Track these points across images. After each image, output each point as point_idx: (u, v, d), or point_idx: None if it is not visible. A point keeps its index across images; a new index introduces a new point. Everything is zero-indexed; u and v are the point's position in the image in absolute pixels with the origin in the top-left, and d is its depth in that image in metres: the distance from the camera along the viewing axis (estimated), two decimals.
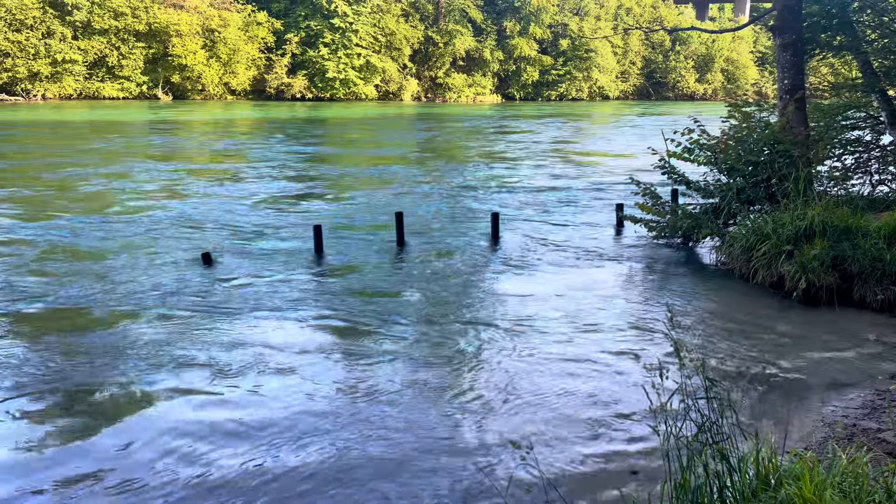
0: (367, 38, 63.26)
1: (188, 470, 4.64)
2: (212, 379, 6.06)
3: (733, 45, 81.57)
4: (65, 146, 25.27)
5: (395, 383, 5.98)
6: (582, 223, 12.98)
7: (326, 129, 35.89)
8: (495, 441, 4.95)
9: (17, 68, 52.51)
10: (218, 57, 59.09)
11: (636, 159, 22.81)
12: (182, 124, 36.40)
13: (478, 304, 8.25)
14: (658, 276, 9.70)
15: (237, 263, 9.87)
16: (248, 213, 13.65)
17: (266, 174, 19.00)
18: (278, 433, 5.11)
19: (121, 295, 8.42)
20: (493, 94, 71.83)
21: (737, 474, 3.12)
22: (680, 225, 10.85)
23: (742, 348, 6.83)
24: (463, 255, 10.53)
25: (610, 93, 75.80)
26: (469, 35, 69.14)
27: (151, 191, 16.05)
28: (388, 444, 4.95)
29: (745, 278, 9.12)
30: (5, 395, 5.73)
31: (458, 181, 18.25)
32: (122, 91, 56.98)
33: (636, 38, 77.71)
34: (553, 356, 6.60)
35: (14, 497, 4.34)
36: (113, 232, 11.87)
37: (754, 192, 10.37)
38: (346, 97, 62.94)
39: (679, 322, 7.61)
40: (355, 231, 12.21)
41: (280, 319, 7.60)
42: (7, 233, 11.70)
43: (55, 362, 6.40)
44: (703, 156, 11.12)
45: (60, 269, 9.56)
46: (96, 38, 55.39)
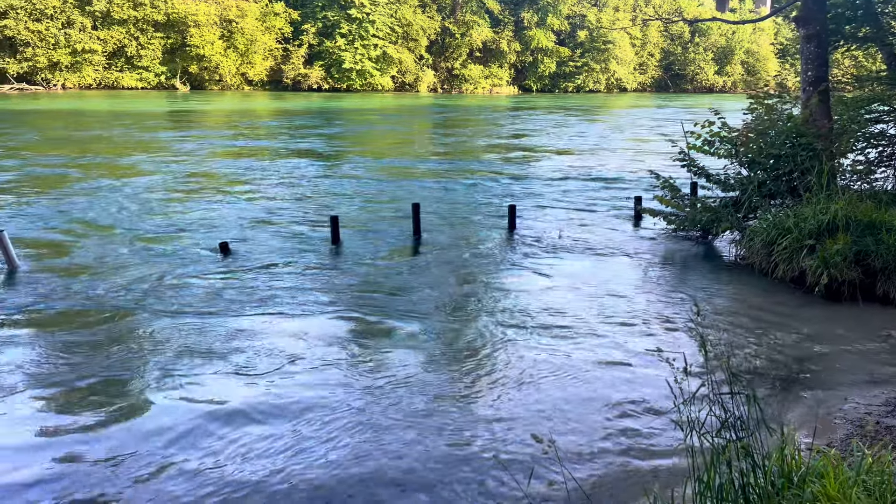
0: (384, 29, 63.16)
1: (199, 463, 4.66)
2: (227, 369, 6.08)
3: (754, 37, 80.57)
4: (85, 135, 25.47)
5: (411, 375, 5.97)
6: (600, 216, 12.88)
7: (343, 120, 35.91)
8: (516, 434, 4.93)
9: (38, 58, 52.99)
10: (235, 47, 59.28)
11: (654, 152, 22.62)
12: (200, 114, 36.56)
13: (495, 297, 8.22)
14: (677, 269, 9.61)
15: (254, 253, 9.90)
16: (266, 202, 13.69)
17: (283, 164, 19.04)
18: (293, 424, 5.12)
19: (137, 283, 8.47)
20: (510, 86, 71.49)
21: (760, 471, 3.07)
22: (699, 218, 10.73)
23: (762, 343, 6.75)
24: (480, 248, 10.49)
25: (627, 85, 75.21)
26: (486, 26, 68.82)
27: (169, 180, 16.13)
28: (406, 435, 4.94)
29: (765, 273, 9.00)
30: (25, 384, 5.79)
31: (474, 172, 18.18)
32: (140, 81, 57.36)
33: (655, 30, 76.99)
34: (572, 349, 6.56)
35: (29, 483, 4.38)
36: (130, 220, 11.94)
37: (776, 185, 10.23)
38: (363, 88, 62.92)
39: (697, 317, 7.53)
40: (372, 222, 12.20)
41: (296, 310, 7.61)
42: (25, 218, 11.81)
43: (70, 351, 6.45)
44: (724, 149, 10.99)
45: (76, 256, 9.64)
46: (115, 28, 55.75)
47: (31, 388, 5.69)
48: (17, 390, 5.64)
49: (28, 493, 4.28)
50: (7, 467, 4.55)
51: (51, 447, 4.79)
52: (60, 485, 4.36)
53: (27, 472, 4.50)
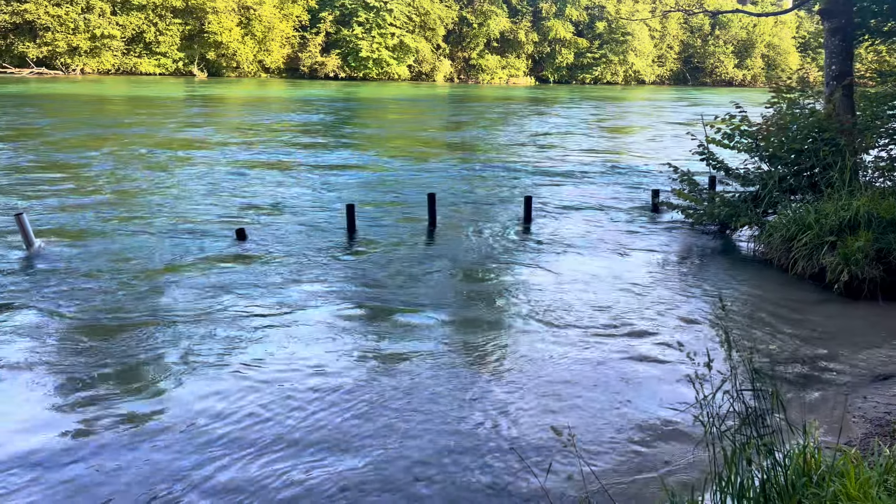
0: (402, 18, 63.01)
1: (211, 449, 4.68)
2: (241, 355, 6.10)
3: (775, 30, 79.64)
4: (105, 119, 25.63)
5: (427, 365, 5.97)
6: (617, 208, 12.80)
7: (359, 109, 35.89)
8: (534, 427, 4.91)
9: (57, 42, 53.37)
10: (253, 34, 59.40)
11: (672, 145, 22.44)
12: (218, 100, 36.68)
13: (511, 289, 8.19)
14: (694, 263, 9.54)
15: (270, 240, 9.93)
16: (282, 190, 13.72)
17: (299, 152, 19.07)
18: (307, 411, 5.13)
19: (154, 265, 8.52)
20: (527, 77, 71.20)
21: (780, 469, 3.04)
22: (717, 213, 10.63)
23: (781, 339, 6.69)
24: (495, 239, 10.46)
25: (646, 77, 74.64)
26: (504, 16, 68.48)
27: (186, 165, 16.20)
28: (422, 425, 4.94)
29: (783, 269, 8.91)
30: (39, 364, 5.85)
31: (491, 163, 18.12)
32: (158, 67, 57.64)
33: (674, 22, 76.26)
34: (590, 342, 6.52)
35: (43, 464, 4.42)
36: (147, 203, 12.01)
37: (797, 180, 10.11)
38: (379, 77, 62.88)
39: (714, 312, 7.47)
40: (387, 211, 12.20)
41: (311, 297, 7.63)
42: (44, 201, 11.91)
43: (85, 333, 6.50)
44: (744, 143, 10.87)
45: (94, 239, 9.71)
46: (134, 13, 56.01)
47: (46, 369, 5.74)
48: (32, 371, 5.70)
49: (42, 472, 4.33)
50: (21, 449, 4.59)
51: (64, 428, 4.83)
52: (74, 466, 4.39)
53: (40, 454, 4.54)
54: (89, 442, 4.67)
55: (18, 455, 4.51)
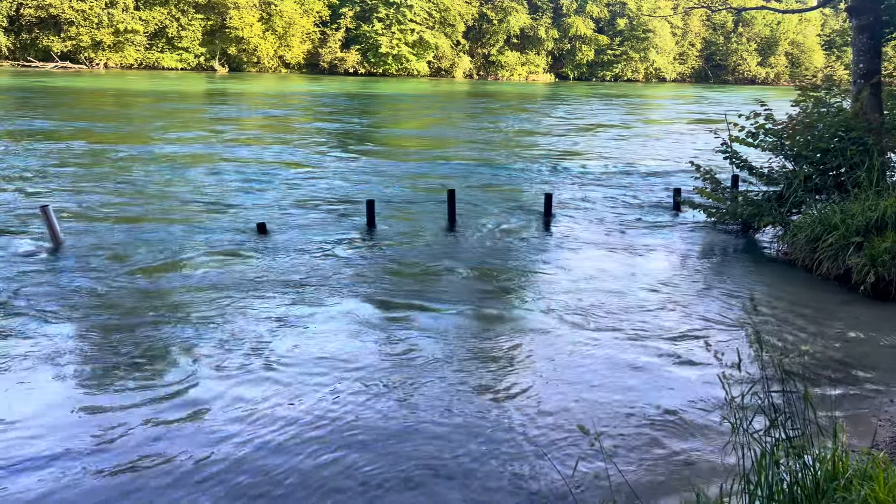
0: (422, 14, 62.97)
1: (233, 441, 4.70)
2: (261, 349, 6.13)
3: (799, 28, 78.59)
4: (129, 113, 25.90)
5: (448, 360, 5.96)
6: (638, 206, 12.71)
7: (379, 105, 35.95)
8: (558, 425, 4.87)
9: (81, 37, 53.96)
10: (274, 30, 59.66)
11: (694, 142, 22.23)
12: (239, 96, 36.91)
13: (532, 286, 8.16)
14: (717, 263, 9.45)
15: (291, 234, 9.97)
16: (303, 184, 13.77)
17: (320, 147, 19.14)
18: (327, 406, 5.15)
19: (178, 260, 8.59)
20: (547, 74, 70.90)
21: (809, 472, 2.99)
22: (740, 212, 10.52)
23: (806, 341, 6.59)
24: (516, 236, 10.43)
25: (667, 75, 74.04)
26: (524, 12, 68.21)
27: (208, 160, 16.32)
28: (443, 420, 4.94)
29: (808, 269, 8.80)
30: (66, 359, 5.92)
31: (511, 159, 18.07)
32: (180, 62, 58.10)
33: (697, 19, 75.54)
34: (613, 341, 6.48)
35: (70, 456, 4.47)
36: (171, 198, 12.12)
37: (822, 180, 9.97)
38: (399, 73, 62.93)
39: (738, 312, 7.39)
40: (407, 206, 12.20)
41: (331, 292, 7.65)
42: (69, 194, 12.06)
43: (111, 327, 6.57)
44: (768, 141, 10.74)
45: (117, 232, 9.81)
46: (157, 8, 56.47)
47: (73, 363, 5.81)
48: (59, 365, 5.76)
49: (69, 466, 4.38)
50: (48, 441, 4.65)
51: (91, 422, 4.88)
52: (100, 459, 4.44)
53: (68, 445, 4.59)
54: (112, 436, 4.71)
55: (42, 448, 4.56)
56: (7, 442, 4.58)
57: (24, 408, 5.01)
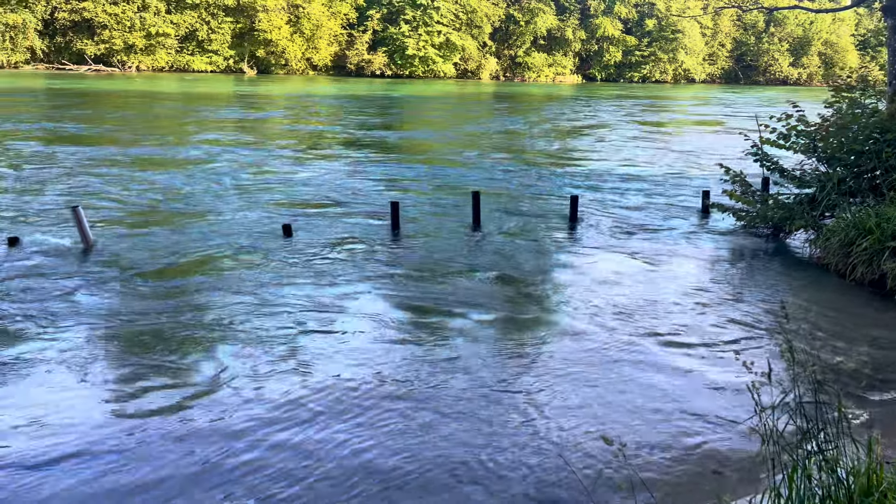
0: (448, 16, 63.03)
1: (257, 441, 4.71)
2: (287, 352, 6.14)
3: (833, 28, 77.11)
4: (158, 115, 26.27)
5: (471, 366, 5.91)
6: (665, 209, 12.54)
7: (404, 107, 36.02)
8: (581, 434, 4.80)
9: (114, 40, 54.94)
10: (301, 32, 60.16)
11: (723, 145, 21.91)
12: (266, 98, 37.25)
13: (556, 290, 8.08)
14: (747, 267, 9.27)
15: (315, 236, 10.00)
16: (328, 185, 13.83)
17: (346, 149, 19.22)
18: (350, 407, 5.13)
19: (206, 262, 8.67)
20: (574, 75, 70.50)
21: (843, 486, 2.89)
22: (771, 215, 10.31)
23: (839, 349, 6.43)
24: (541, 239, 10.34)
25: (696, 76, 73.16)
26: (551, 14, 67.91)
27: (235, 161, 16.46)
28: (464, 426, 4.89)
29: (841, 274, 8.59)
30: (97, 361, 5.99)
31: (536, 161, 17.97)
32: (209, 64, 58.86)
33: (727, 19, 74.54)
34: (639, 348, 6.37)
35: (101, 454, 4.51)
36: (198, 199, 12.24)
37: (857, 183, 9.74)
38: (425, 75, 63.04)
39: (769, 318, 7.23)
40: (432, 209, 12.18)
41: (356, 295, 7.65)
42: (99, 195, 12.24)
43: (140, 328, 6.63)
44: (801, 143, 10.52)
45: (146, 234, 9.92)
46: (188, 12, 57.27)
47: (101, 362, 5.87)
48: (88, 363, 5.83)
49: (99, 464, 4.42)
50: (80, 440, 4.69)
51: (119, 422, 4.93)
52: (127, 458, 4.47)
53: (96, 445, 4.63)
54: (140, 436, 4.75)
55: (71, 447, 4.61)
56: (37, 441, 4.63)
57: (54, 407, 5.07)
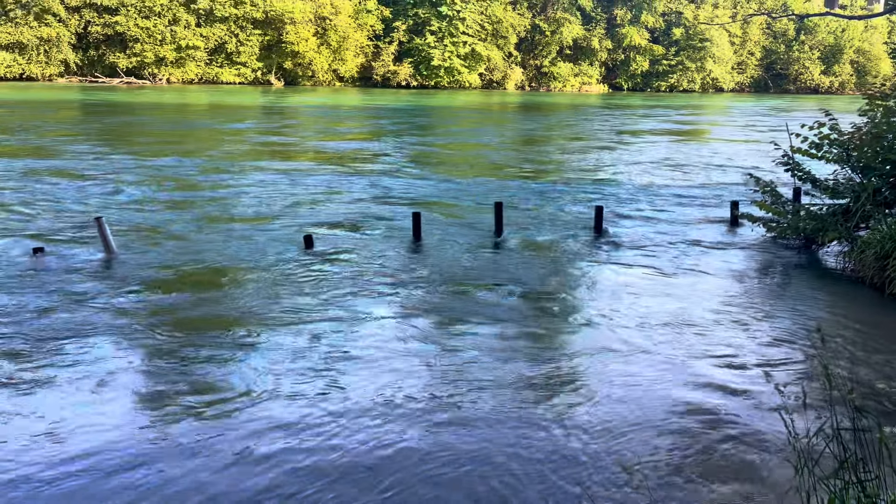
0: (474, 27, 63.15)
1: (281, 450, 4.62)
2: (309, 362, 6.06)
3: (865, 35, 75.73)
4: (184, 126, 26.58)
5: (494, 379, 5.76)
6: (694, 220, 12.27)
7: (430, 117, 36.05)
8: (603, 456, 4.63)
9: (145, 53, 55.96)
10: (328, 44, 60.69)
11: (752, 154, 21.51)
12: (293, 109, 37.55)
13: (580, 305, 7.90)
14: (778, 280, 9.00)
15: (337, 247, 9.94)
16: (351, 196, 13.79)
17: (368, 159, 19.21)
18: (368, 416, 5.02)
19: (229, 273, 8.64)
20: (600, 84, 70.10)
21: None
22: (803, 226, 10.02)
23: (875, 369, 6.15)
24: (564, 250, 10.16)
25: (724, 85, 72.28)
26: (577, 23, 67.68)
27: (258, 171, 16.53)
28: (480, 447, 4.74)
29: (877, 288, 8.29)
30: (121, 371, 5.96)
31: (561, 171, 17.78)
32: (238, 76, 59.62)
33: (756, 27, 73.60)
34: (665, 366, 6.16)
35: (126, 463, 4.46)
36: (221, 210, 12.28)
37: (893, 193, 9.42)
38: (451, 85, 63.15)
39: (802, 335, 6.97)
40: (454, 219, 12.07)
41: (379, 306, 7.55)
42: (123, 205, 12.34)
43: (164, 338, 6.60)
44: (834, 153, 10.22)
45: (169, 244, 9.94)
46: (217, 25, 58.15)
47: (124, 373, 5.84)
48: (113, 378, 5.80)
49: (126, 473, 4.36)
50: (102, 451, 4.64)
51: (143, 434, 4.87)
52: (154, 466, 4.41)
53: (121, 456, 4.58)
54: (161, 447, 4.68)
55: (92, 459, 4.56)
56: (57, 452, 4.59)
57: (76, 418, 5.05)
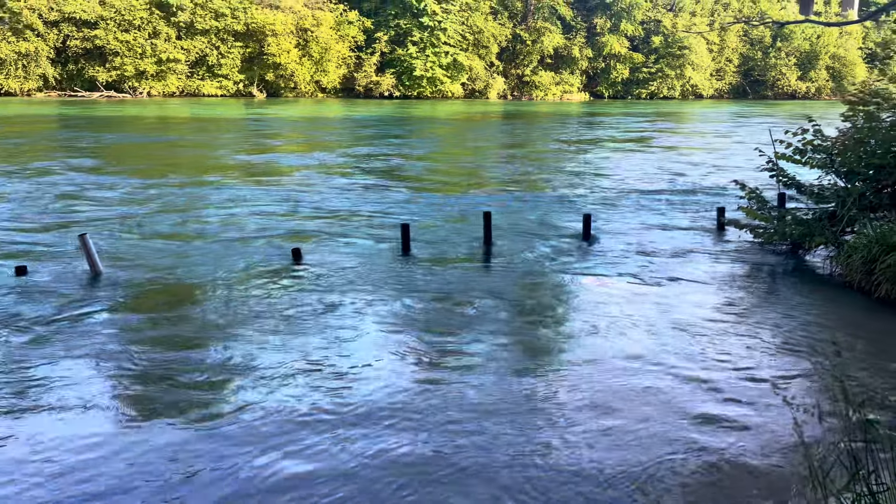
0: (455, 37, 63.31)
1: (270, 463, 4.54)
2: (298, 377, 5.98)
3: (840, 41, 76.86)
4: (168, 139, 26.36)
5: (481, 394, 5.72)
6: (680, 227, 12.33)
7: (413, 127, 36.05)
8: (603, 469, 4.59)
9: (125, 67, 55.45)
10: (310, 55, 60.51)
11: (735, 160, 21.69)
12: (276, 121, 37.39)
13: (570, 313, 7.88)
14: (767, 286, 9.04)
15: (325, 260, 9.86)
16: (338, 208, 13.71)
17: (355, 171, 19.15)
18: (357, 431, 4.95)
19: (216, 289, 8.53)
20: (581, 93, 70.50)
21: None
22: (790, 232, 10.09)
23: (869, 372, 6.18)
24: (553, 259, 10.15)
25: (703, 91, 72.99)
26: (558, 32, 68.06)
27: (243, 184, 16.40)
28: (476, 462, 4.69)
29: (865, 292, 8.35)
30: (107, 388, 5.85)
31: (548, 180, 17.82)
32: (220, 89, 59.23)
33: (734, 35, 74.46)
34: (659, 375, 6.14)
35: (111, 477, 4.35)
36: (207, 225, 12.15)
37: (877, 197, 9.52)
38: (433, 95, 63.21)
39: (795, 340, 6.99)
40: (442, 230, 12.03)
41: (368, 320, 7.49)
42: (107, 222, 12.17)
43: (150, 355, 6.49)
44: (818, 158, 10.32)
45: (155, 260, 9.81)
46: (198, 38, 57.78)
47: (113, 396, 5.73)
48: (99, 398, 5.68)
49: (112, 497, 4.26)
50: (86, 473, 4.54)
51: (129, 453, 4.77)
52: (137, 489, 4.31)
53: (106, 477, 4.48)
54: (147, 468, 4.58)
55: (76, 480, 4.45)
56: (43, 473, 4.47)
57: (61, 439, 4.94)
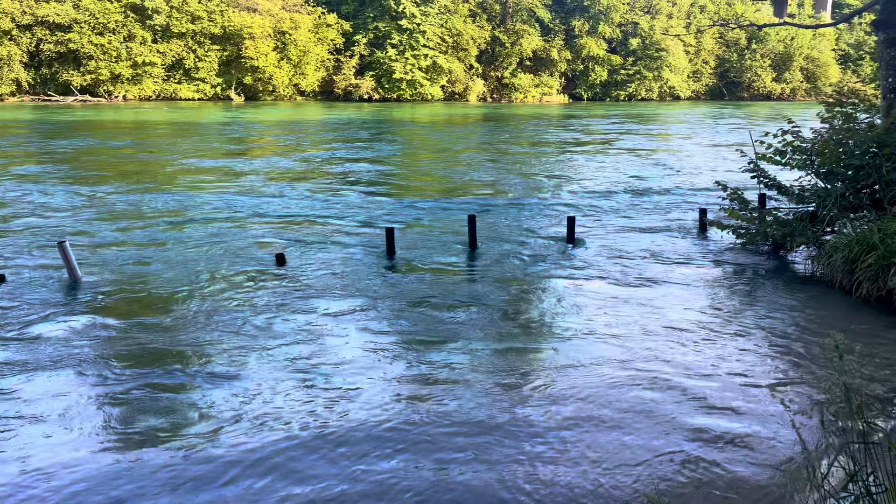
0: (435, 39, 63.34)
1: (240, 475, 4.47)
2: (282, 384, 5.91)
3: (814, 43, 78.10)
4: (146, 144, 26.04)
5: (469, 400, 5.69)
6: (663, 229, 12.41)
7: (394, 130, 35.98)
8: (597, 479, 4.59)
9: (100, 70, 54.74)
10: (288, 58, 60.20)
11: (715, 162, 21.91)
12: (255, 125, 37.13)
13: (556, 317, 7.88)
14: (750, 286, 9.12)
15: (309, 264, 9.79)
16: (322, 212, 13.63)
17: (338, 175, 19.05)
18: (342, 452, 4.90)
19: (197, 294, 8.42)
20: (560, 95, 70.87)
21: None
22: (771, 232, 10.20)
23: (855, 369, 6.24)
24: (539, 262, 10.17)
25: (681, 93, 73.75)
26: (537, 35, 68.40)
27: (224, 190, 16.25)
28: (462, 467, 4.66)
29: (846, 291, 8.46)
30: (86, 394, 5.74)
31: (531, 182, 17.86)
32: (197, 92, 58.70)
33: (710, 37, 75.33)
34: (646, 380, 6.17)
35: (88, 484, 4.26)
36: (188, 231, 12.00)
37: (857, 198, 9.65)
38: (413, 98, 63.18)
39: (780, 339, 7.06)
40: (427, 234, 12.00)
41: (353, 325, 7.43)
42: (87, 228, 11.99)
43: (130, 362, 6.38)
44: (798, 159, 10.44)
45: (135, 267, 9.68)
46: (174, 41, 57.23)
47: (93, 405, 5.62)
48: (78, 407, 5.57)
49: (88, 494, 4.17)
50: (66, 484, 4.44)
51: (111, 464, 4.68)
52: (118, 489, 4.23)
53: (86, 474, 4.38)
54: (131, 476, 4.49)
55: (57, 492, 4.35)
56: (24, 486, 4.37)
57: (40, 449, 4.83)
